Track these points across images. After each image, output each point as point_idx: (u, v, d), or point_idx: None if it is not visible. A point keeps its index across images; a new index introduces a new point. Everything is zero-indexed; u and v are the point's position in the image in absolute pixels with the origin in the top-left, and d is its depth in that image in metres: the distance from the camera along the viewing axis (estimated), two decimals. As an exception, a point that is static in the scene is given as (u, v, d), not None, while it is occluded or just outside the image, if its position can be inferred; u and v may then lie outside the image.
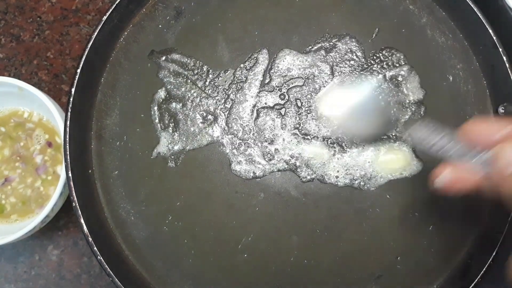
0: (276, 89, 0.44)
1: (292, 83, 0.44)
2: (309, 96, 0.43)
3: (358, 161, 0.42)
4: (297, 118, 0.43)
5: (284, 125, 0.43)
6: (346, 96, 0.41)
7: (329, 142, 0.42)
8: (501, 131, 0.29)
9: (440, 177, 0.31)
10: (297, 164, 0.42)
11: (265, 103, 0.44)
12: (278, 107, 0.43)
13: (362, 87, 0.42)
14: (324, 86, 0.43)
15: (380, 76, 0.44)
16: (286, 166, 0.42)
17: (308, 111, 0.43)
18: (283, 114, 0.43)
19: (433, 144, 0.32)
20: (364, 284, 0.41)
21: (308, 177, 0.42)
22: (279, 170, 0.42)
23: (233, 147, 0.43)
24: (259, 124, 0.43)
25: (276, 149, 0.43)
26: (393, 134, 0.43)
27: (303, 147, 0.43)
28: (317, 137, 0.43)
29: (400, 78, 0.43)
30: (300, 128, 0.43)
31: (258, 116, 0.43)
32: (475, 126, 0.30)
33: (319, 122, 0.41)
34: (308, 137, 0.43)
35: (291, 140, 0.43)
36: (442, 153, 0.31)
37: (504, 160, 0.27)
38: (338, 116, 0.41)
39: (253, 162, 0.43)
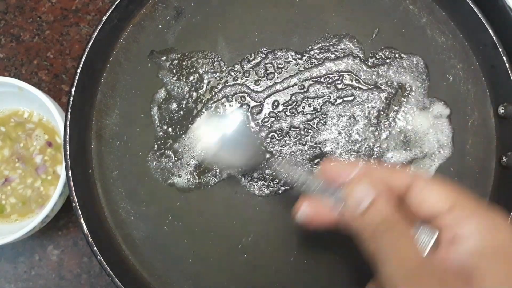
0: (275, 89, 0.44)
1: (292, 83, 0.44)
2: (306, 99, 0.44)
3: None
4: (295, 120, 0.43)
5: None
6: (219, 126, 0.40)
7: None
8: (352, 170, 0.31)
9: (299, 212, 0.32)
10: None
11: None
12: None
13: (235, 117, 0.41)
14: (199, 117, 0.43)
15: (380, 75, 0.44)
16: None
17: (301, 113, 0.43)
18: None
19: (297, 179, 0.34)
20: (365, 284, 0.41)
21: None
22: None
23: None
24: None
25: (275, 149, 0.43)
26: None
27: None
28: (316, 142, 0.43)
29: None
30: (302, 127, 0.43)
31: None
32: (331, 165, 0.32)
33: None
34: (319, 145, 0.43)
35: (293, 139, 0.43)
36: (305, 188, 0.33)
37: (353, 199, 0.29)
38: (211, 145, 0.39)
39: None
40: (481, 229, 0.26)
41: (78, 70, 0.42)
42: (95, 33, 0.42)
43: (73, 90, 0.41)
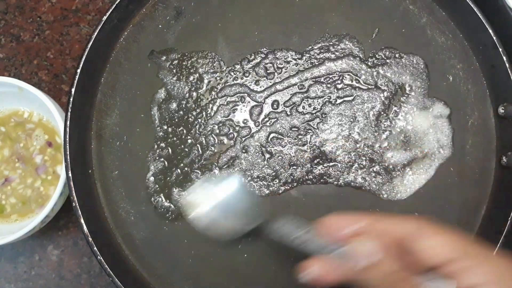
0: (275, 89, 0.44)
1: (292, 83, 0.44)
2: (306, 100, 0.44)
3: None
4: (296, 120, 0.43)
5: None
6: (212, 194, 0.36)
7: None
8: (353, 226, 0.30)
9: (307, 271, 0.31)
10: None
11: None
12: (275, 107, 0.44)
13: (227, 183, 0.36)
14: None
15: (380, 75, 0.44)
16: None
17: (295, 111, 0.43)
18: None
19: (295, 237, 0.32)
20: None
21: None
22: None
23: (233, 147, 0.43)
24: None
25: (275, 149, 0.43)
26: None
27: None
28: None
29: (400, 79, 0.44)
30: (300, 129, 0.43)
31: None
32: (332, 221, 0.31)
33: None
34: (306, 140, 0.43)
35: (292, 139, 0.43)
36: (305, 247, 0.32)
37: (354, 255, 0.29)
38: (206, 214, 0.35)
39: (253, 162, 0.43)
40: (496, 276, 0.26)
41: (78, 70, 0.42)
42: (95, 33, 0.42)
43: (73, 90, 0.41)
